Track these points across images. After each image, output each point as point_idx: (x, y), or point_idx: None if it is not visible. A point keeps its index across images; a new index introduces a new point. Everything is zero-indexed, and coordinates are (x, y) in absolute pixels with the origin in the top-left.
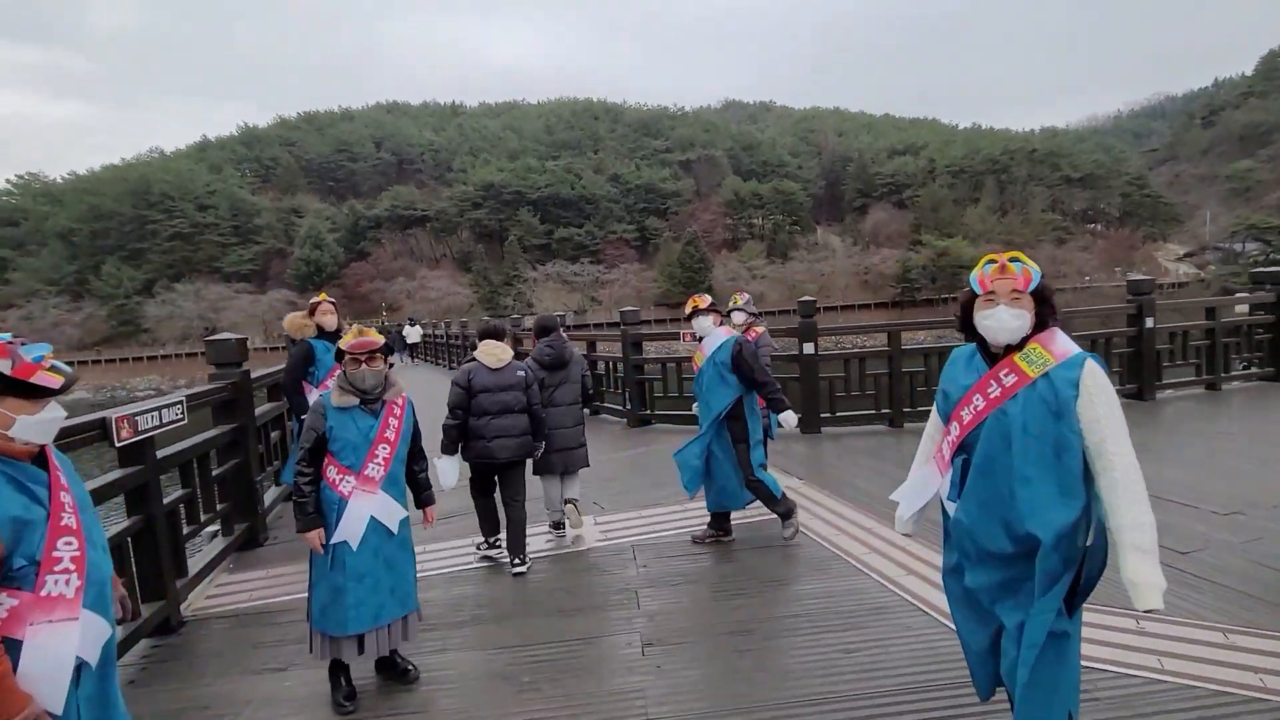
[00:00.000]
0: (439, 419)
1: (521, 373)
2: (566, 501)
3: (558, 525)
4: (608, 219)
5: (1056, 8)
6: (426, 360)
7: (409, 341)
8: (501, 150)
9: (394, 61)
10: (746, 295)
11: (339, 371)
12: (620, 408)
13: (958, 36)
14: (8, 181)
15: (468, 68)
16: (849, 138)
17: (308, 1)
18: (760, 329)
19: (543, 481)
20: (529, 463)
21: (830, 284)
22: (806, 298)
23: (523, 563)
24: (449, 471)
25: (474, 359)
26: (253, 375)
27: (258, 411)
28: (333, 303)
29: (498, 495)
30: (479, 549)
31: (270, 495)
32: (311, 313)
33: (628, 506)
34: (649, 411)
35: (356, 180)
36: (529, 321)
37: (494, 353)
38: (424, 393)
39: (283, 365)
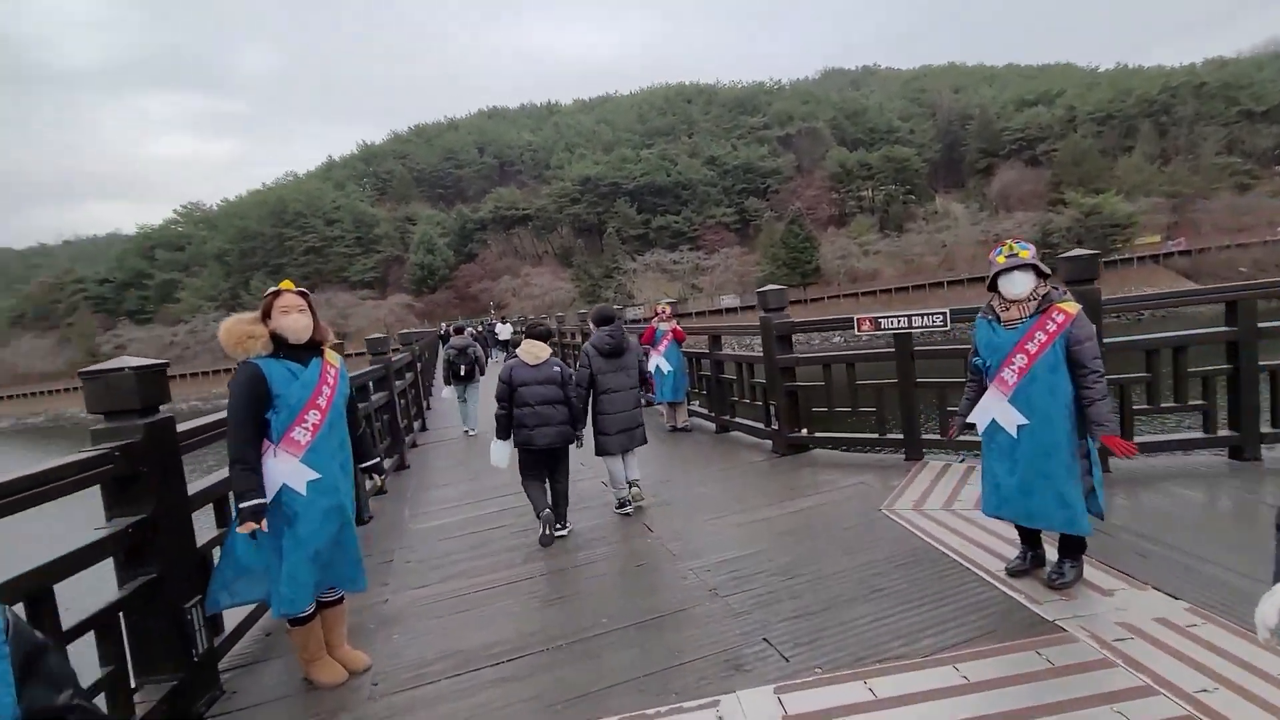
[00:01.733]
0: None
1: (557, 368)
2: (631, 483)
3: (622, 504)
4: (705, 203)
5: None
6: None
7: (500, 338)
8: (596, 144)
9: (494, 69)
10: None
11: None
12: (761, 425)
13: None
14: (174, 212)
15: (561, 67)
16: (968, 93)
17: (415, 18)
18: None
19: (606, 463)
20: (576, 447)
21: (954, 256)
22: (771, 286)
23: (563, 527)
24: (501, 454)
25: (516, 356)
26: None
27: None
28: (303, 293)
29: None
30: (538, 519)
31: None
32: (266, 315)
33: (841, 652)
34: (805, 433)
35: (463, 185)
36: (631, 313)
37: (532, 350)
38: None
39: (371, 367)
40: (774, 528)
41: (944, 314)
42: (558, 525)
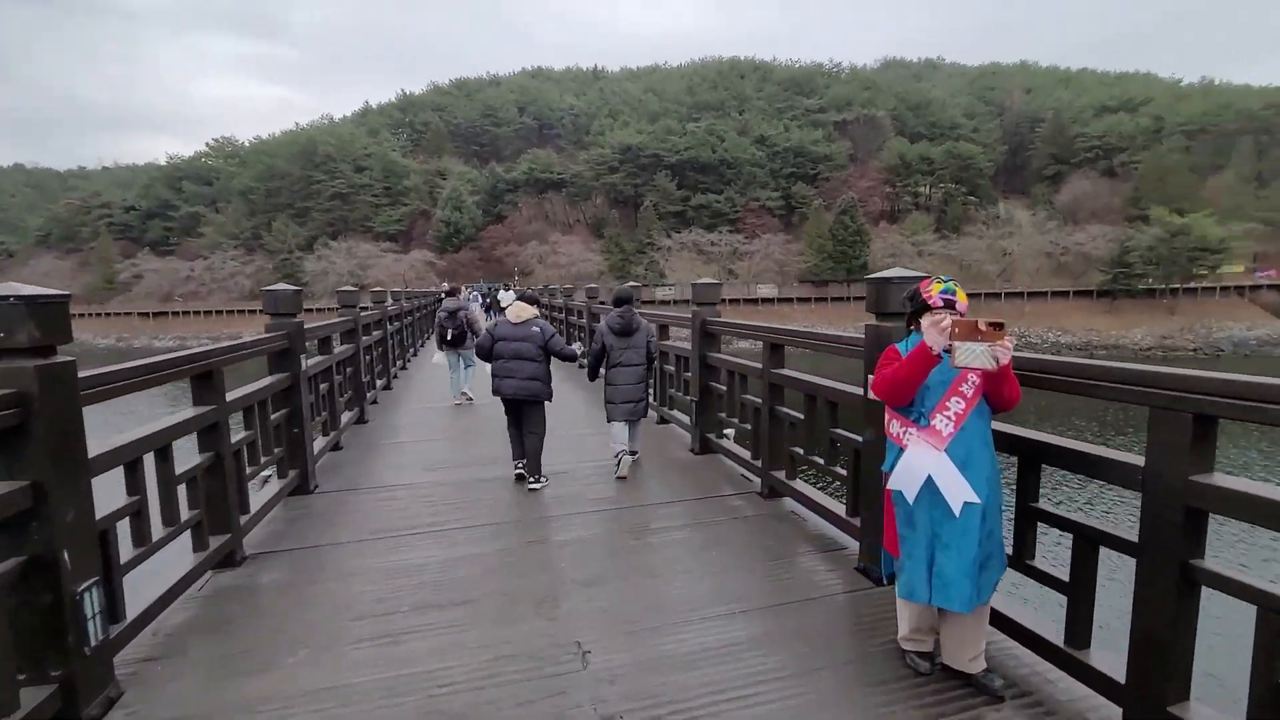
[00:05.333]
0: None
1: (536, 329)
2: (631, 452)
3: (619, 461)
4: (750, 185)
5: None
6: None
7: (504, 306)
8: (641, 113)
9: (542, 32)
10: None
11: None
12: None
13: None
14: (206, 145)
15: (611, 37)
16: (1040, 95)
17: None
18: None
19: (612, 427)
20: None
21: (1015, 266)
22: (706, 279)
23: (537, 480)
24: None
25: (505, 315)
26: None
27: (309, 363)
28: None
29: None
30: (516, 467)
31: (318, 445)
32: None
33: None
34: (782, 473)
35: (499, 144)
36: (661, 293)
37: (517, 310)
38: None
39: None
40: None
41: None
42: (530, 480)
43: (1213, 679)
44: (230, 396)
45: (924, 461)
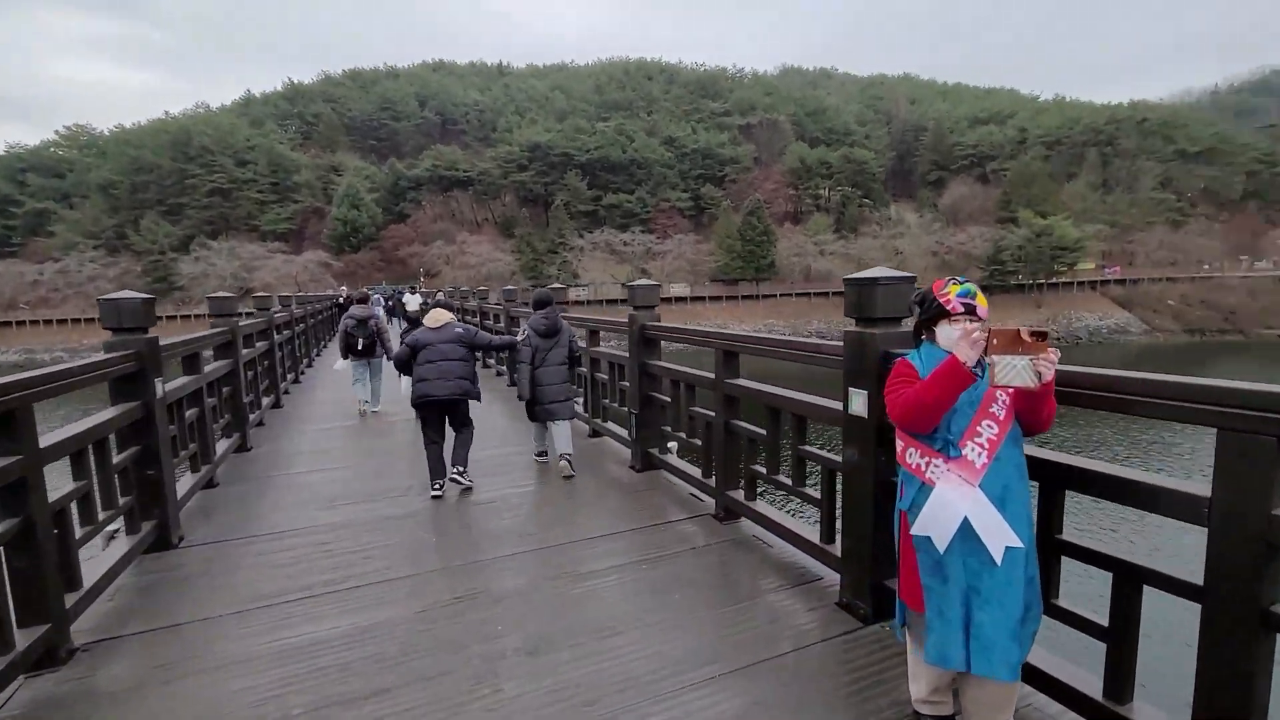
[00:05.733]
0: None
1: (459, 329)
2: (561, 456)
3: (541, 454)
4: (661, 185)
5: None
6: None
7: (408, 310)
8: (549, 110)
9: (444, 22)
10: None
11: None
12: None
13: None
14: (56, 133)
15: (518, 33)
16: (922, 105)
17: None
18: None
19: (534, 429)
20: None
21: (907, 264)
22: (643, 280)
23: (463, 474)
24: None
25: (422, 325)
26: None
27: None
28: None
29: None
30: (435, 488)
31: (185, 484)
32: None
33: None
34: (741, 494)
35: (399, 139)
36: (575, 293)
37: (435, 316)
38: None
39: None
40: None
41: None
42: (456, 471)
43: None
44: (50, 439)
45: (958, 501)
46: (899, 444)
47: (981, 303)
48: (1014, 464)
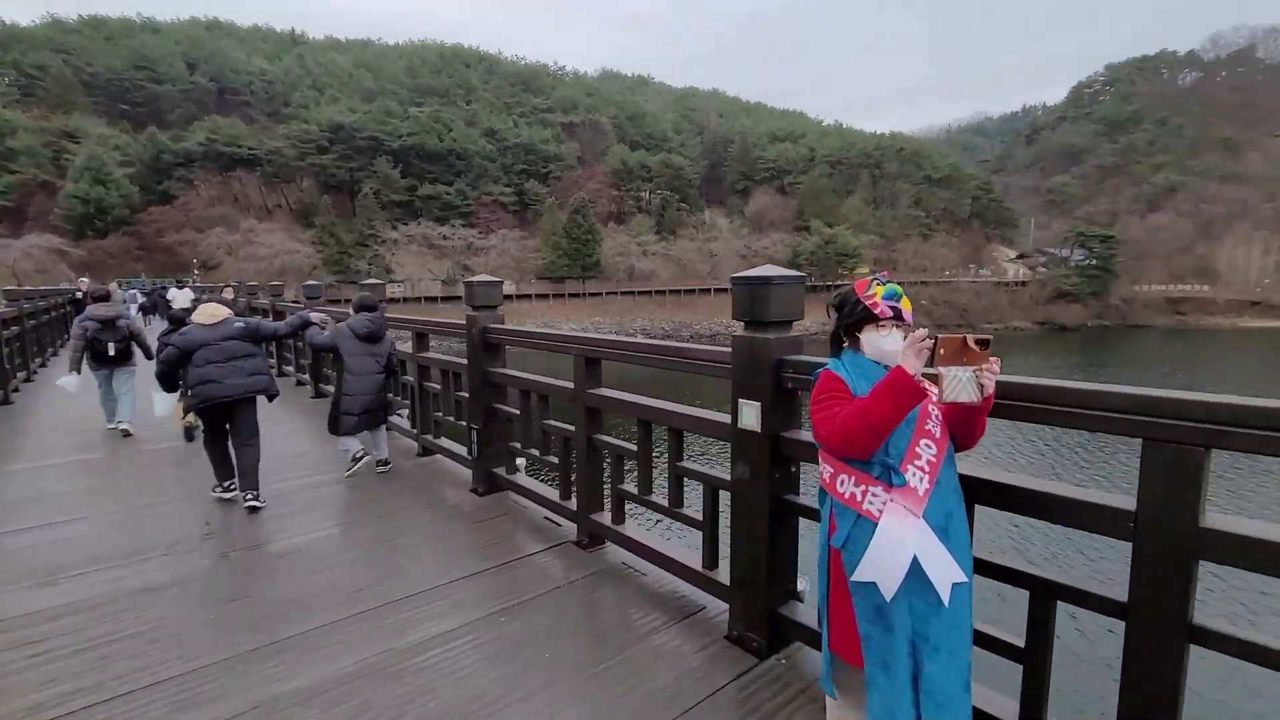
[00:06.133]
0: None
1: (240, 323)
2: (382, 462)
3: (357, 459)
4: (482, 178)
5: (892, 23)
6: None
7: (173, 307)
8: (353, 89)
9: None
10: None
11: None
12: (555, 497)
13: (807, 35)
14: None
15: (314, 0)
16: (730, 120)
17: None
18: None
19: (341, 441)
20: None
21: (721, 265)
22: (483, 276)
23: (256, 497)
24: (164, 405)
25: (190, 321)
26: None
27: None
28: None
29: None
30: (214, 491)
31: None
32: None
33: None
34: (607, 517)
35: (160, 105)
36: (390, 289)
37: (209, 310)
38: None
39: None
40: None
41: None
42: (248, 496)
43: None
44: None
45: (906, 538)
46: (825, 469)
47: (906, 306)
48: (953, 487)
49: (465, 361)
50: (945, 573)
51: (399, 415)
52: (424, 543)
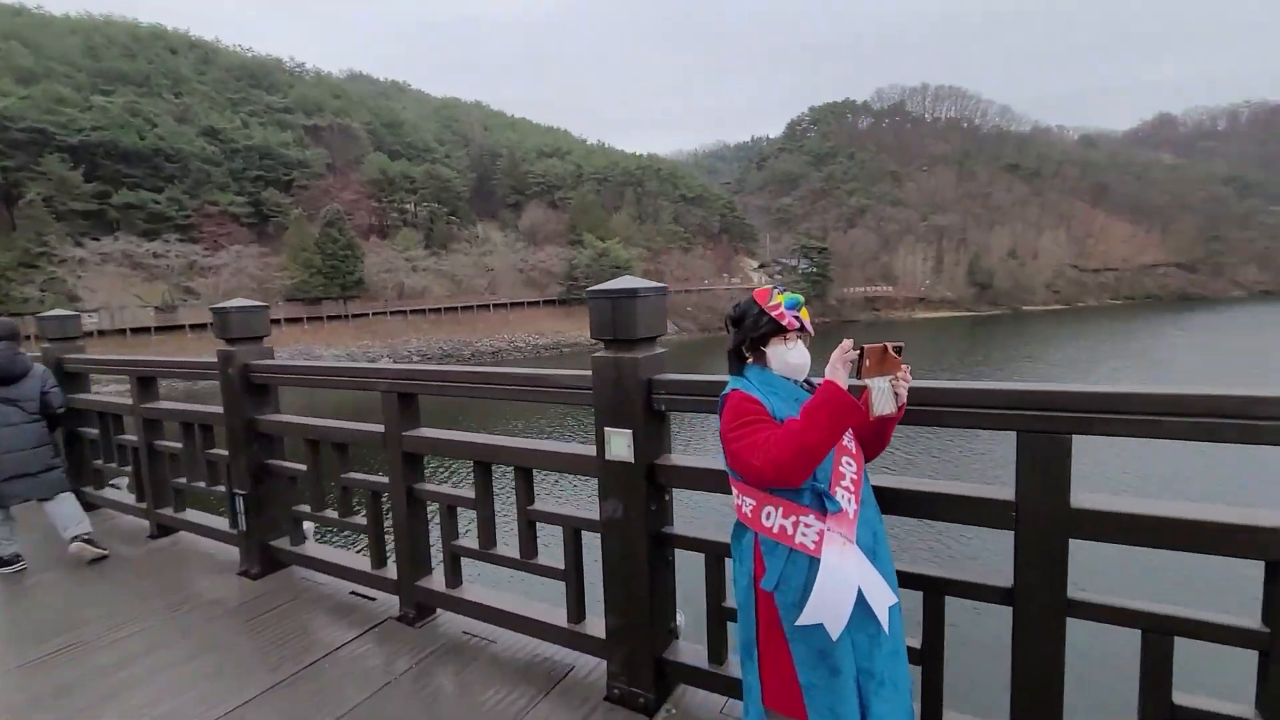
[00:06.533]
0: None
1: None
2: (75, 539)
3: (16, 559)
4: (204, 185)
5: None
6: None
7: None
8: (4, 68)
9: None
10: None
11: None
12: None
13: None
14: None
15: None
16: (495, 133)
17: None
18: None
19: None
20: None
21: (498, 280)
22: (242, 301)
23: None
24: None
25: None
26: None
27: None
28: None
29: None
30: None
31: None
32: None
33: None
34: (436, 577)
35: None
36: (89, 320)
37: None
38: None
39: None
40: None
41: None
42: None
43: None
44: None
45: (849, 571)
46: (746, 502)
47: (805, 315)
48: (873, 505)
49: (219, 410)
50: (881, 596)
51: (113, 486)
52: (174, 664)
